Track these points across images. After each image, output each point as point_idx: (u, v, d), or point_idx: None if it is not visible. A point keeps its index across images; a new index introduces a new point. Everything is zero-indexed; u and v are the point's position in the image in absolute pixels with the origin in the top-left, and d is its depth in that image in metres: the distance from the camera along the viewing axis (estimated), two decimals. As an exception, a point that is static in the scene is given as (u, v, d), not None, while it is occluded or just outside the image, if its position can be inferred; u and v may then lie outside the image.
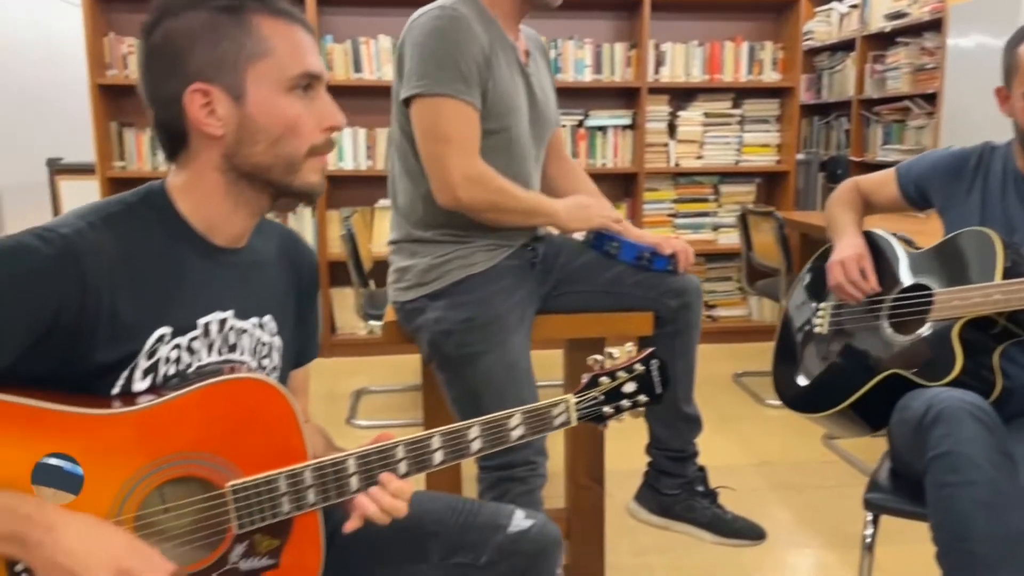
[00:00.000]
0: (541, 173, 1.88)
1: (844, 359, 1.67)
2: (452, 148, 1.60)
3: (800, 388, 1.73)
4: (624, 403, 1.14)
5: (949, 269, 1.58)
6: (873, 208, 1.85)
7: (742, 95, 4.32)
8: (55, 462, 0.86)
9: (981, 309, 1.47)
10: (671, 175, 4.35)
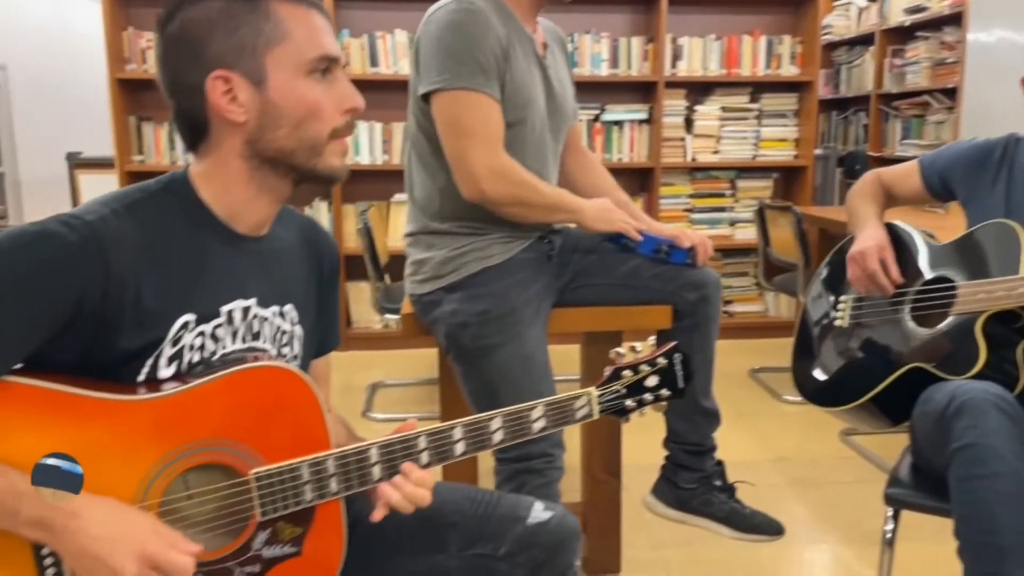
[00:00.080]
0: (559, 167, 1.87)
1: (865, 353, 1.66)
2: (476, 142, 1.60)
3: (821, 382, 1.72)
4: (646, 397, 1.14)
5: (972, 262, 1.56)
6: (895, 200, 1.84)
7: (760, 89, 4.30)
8: (53, 462, 0.85)
9: (1005, 303, 1.46)
10: (688, 170, 4.33)
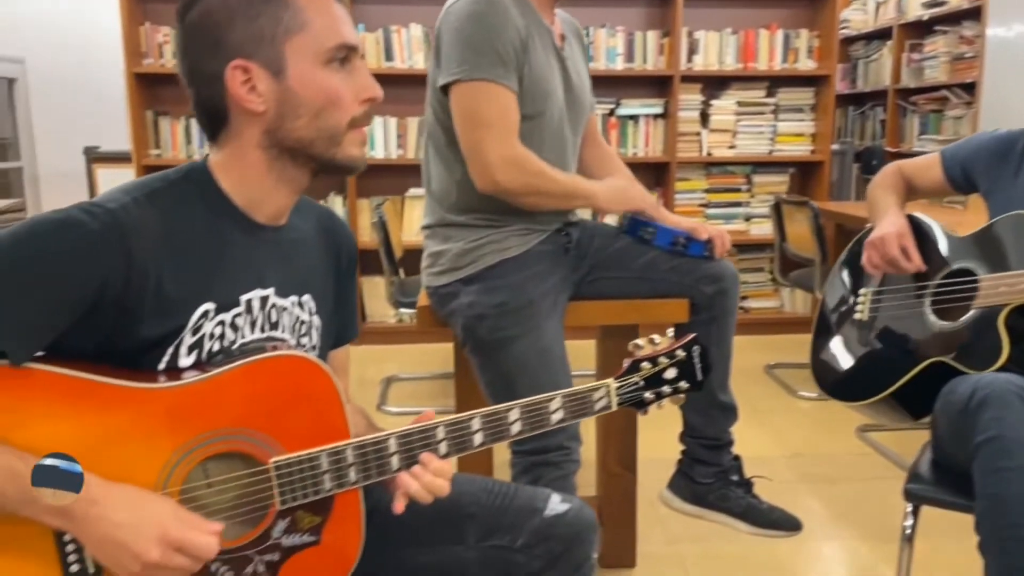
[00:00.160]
0: (578, 159, 1.87)
1: (885, 346, 1.65)
2: (492, 132, 1.60)
3: (840, 376, 1.70)
4: (665, 389, 1.14)
5: (993, 254, 1.55)
6: (916, 192, 1.82)
7: (776, 84, 4.26)
8: (51, 462, 0.85)
9: (1029, 296, 1.44)
10: (703, 164, 4.31)
